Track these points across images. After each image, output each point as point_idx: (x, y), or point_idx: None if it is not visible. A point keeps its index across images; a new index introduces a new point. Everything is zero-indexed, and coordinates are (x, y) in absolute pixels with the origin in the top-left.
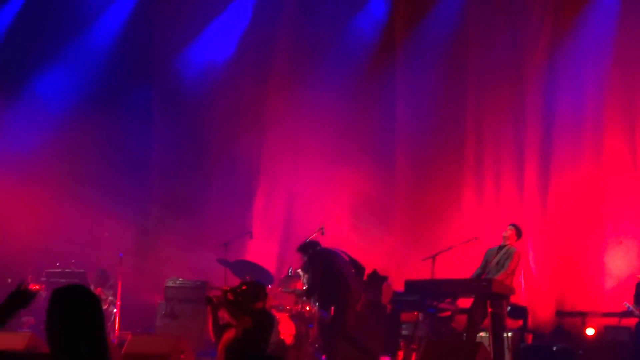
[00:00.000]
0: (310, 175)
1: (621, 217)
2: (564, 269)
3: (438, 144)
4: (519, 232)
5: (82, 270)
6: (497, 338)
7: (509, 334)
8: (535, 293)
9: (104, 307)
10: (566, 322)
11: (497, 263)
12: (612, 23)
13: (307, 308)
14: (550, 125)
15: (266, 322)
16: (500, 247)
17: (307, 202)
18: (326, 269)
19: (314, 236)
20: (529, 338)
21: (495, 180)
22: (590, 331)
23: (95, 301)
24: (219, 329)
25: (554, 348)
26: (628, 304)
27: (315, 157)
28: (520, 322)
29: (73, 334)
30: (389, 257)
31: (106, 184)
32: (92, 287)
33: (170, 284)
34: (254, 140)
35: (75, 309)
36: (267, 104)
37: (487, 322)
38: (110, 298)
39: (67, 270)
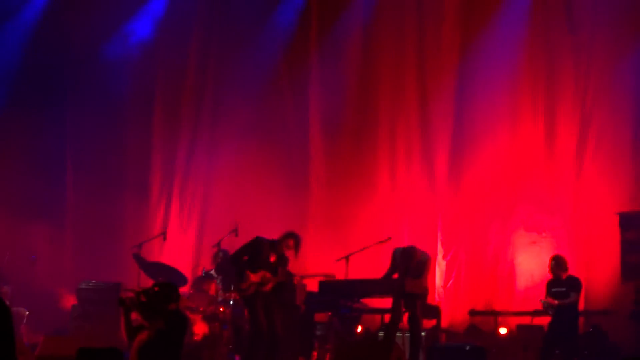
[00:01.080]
0: (224, 176)
1: (534, 215)
2: (476, 269)
3: (353, 139)
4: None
5: None
6: (413, 338)
7: (423, 334)
8: (448, 293)
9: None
10: (479, 321)
11: (413, 273)
12: None
13: (221, 309)
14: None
15: (179, 324)
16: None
17: (221, 204)
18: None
19: (227, 237)
20: (443, 337)
21: (407, 179)
22: (502, 330)
23: (5, 309)
24: (132, 331)
25: (467, 347)
26: (542, 299)
27: (230, 156)
28: (433, 322)
29: None
30: (303, 257)
31: (19, 185)
32: None
33: (83, 285)
34: (170, 139)
35: None
36: (183, 100)
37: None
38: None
39: None
